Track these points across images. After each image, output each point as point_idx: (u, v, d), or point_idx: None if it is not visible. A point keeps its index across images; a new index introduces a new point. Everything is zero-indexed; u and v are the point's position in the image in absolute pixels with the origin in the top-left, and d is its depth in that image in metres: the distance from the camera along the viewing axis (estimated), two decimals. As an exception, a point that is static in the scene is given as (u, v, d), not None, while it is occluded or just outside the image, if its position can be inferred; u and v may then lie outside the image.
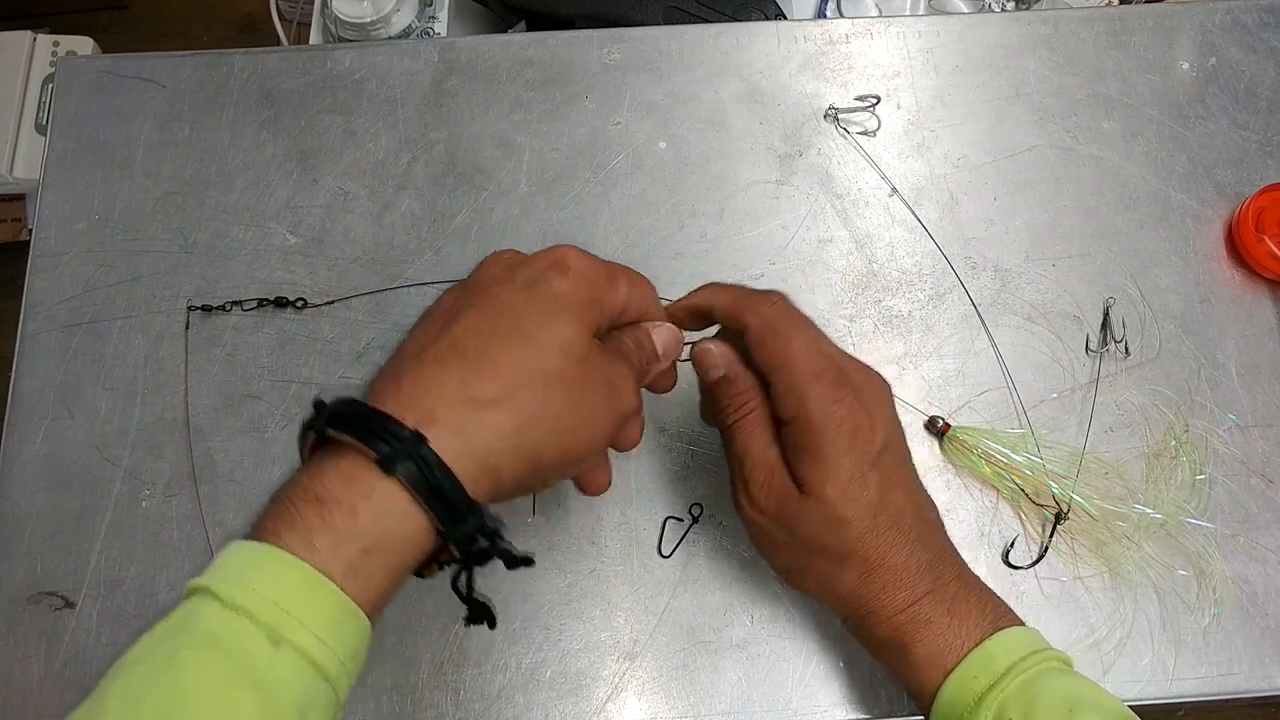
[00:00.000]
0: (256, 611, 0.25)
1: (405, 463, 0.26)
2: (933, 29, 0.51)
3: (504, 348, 0.29)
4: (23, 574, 0.41)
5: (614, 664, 0.40)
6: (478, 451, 0.27)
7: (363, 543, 0.26)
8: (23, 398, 0.44)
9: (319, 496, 0.26)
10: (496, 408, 0.28)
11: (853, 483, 0.32)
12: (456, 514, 0.27)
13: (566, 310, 0.30)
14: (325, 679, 0.25)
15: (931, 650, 0.32)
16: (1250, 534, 0.42)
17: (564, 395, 0.29)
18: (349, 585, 0.26)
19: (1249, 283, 0.46)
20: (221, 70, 0.50)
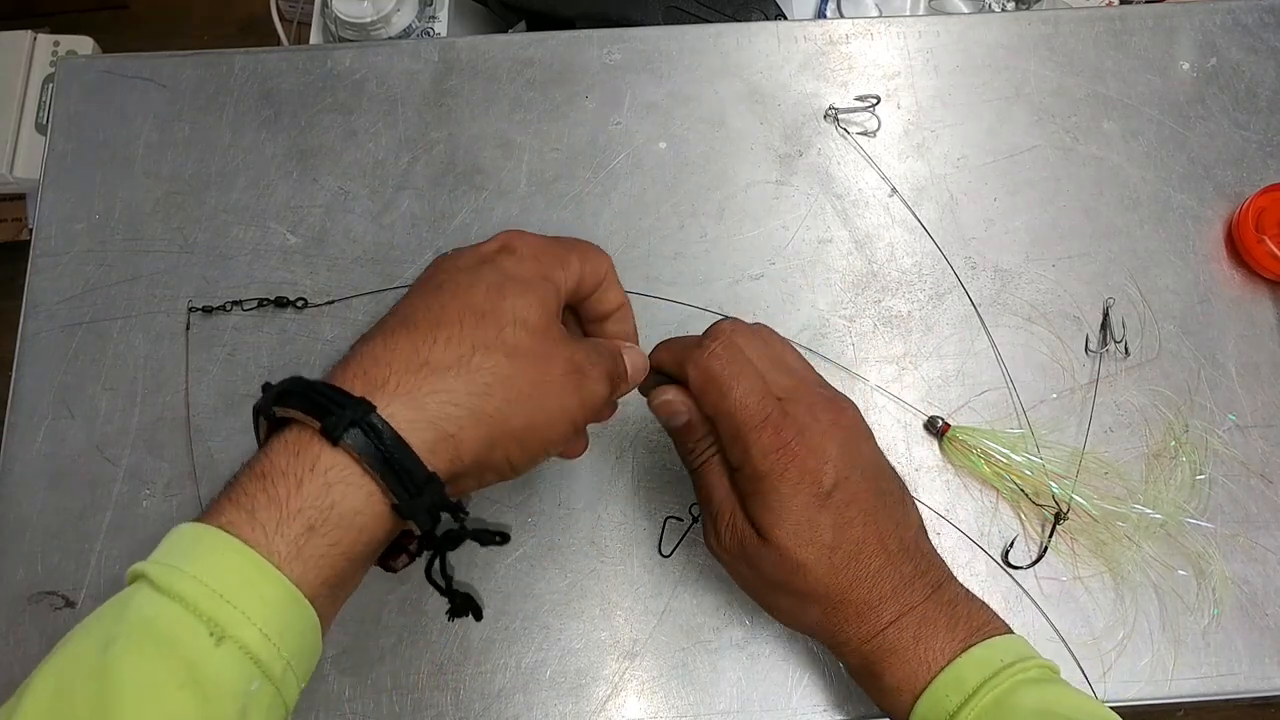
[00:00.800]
0: (197, 601, 0.23)
1: (351, 430, 0.24)
2: (933, 29, 0.51)
3: (457, 320, 0.28)
4: (23, 574, 0.42)
5: (614, 663, 0.40)
6: (432, 417, 0.26)
7: (308, 518, 0.24)
8: (23, 397, 0.44)
9: (263, 472, 0.25)
10: (450, 372, 0.26)
11: (802, 527, 0.32)
12: (412, 485, 0.25)
13: (518, 286, 0.29)
14: (269, 678, 0.24)
15: (900, 677, 0.32)
16: (1250, 534, 0.42)
17: (524, 367, 0.28)
18: (294, 567, 0.24)
19: (1249, 283, 0.46)
20: (222, 70, 0.50)
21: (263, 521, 0.24)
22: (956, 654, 0.32)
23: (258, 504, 0.24)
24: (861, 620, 0.33)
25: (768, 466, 0.32)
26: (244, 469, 0.26)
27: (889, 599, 0.33)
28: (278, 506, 0.24)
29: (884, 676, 0.32)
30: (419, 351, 0.27)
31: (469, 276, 0.30)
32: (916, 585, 0.33)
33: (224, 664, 0.23)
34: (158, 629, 0.23)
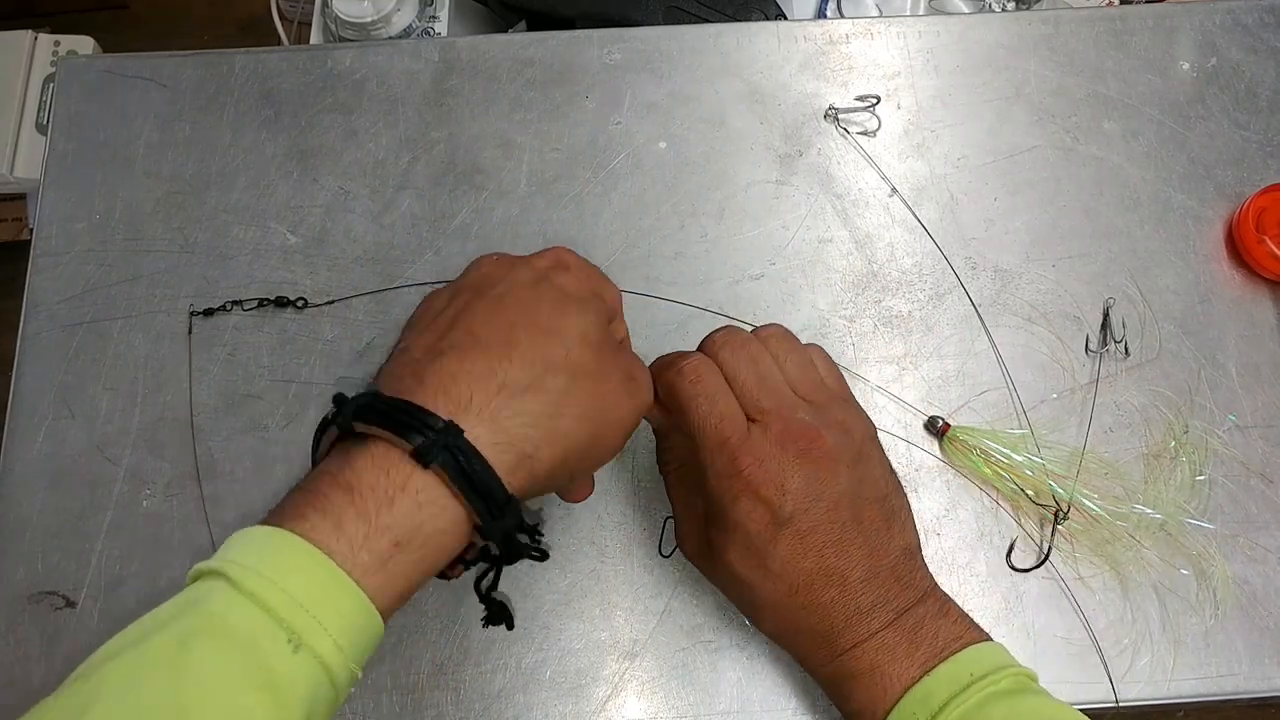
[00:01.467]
0: (278, 607, 0.24)
1: (442, 453, 0.25)
2: (933, 29, 0.51)
3: (526, 337, 0.28)
4: (23, 573, 0.42)
5: (614, 663, 0.40)
6: (514, 440, 0.27)
7: (395, 535, 0.25)
8: (23, 397, 0.44)
9: (350, 484, 0.25)
10: (526, 394, 0.27)
11: (749, 553, 0.32)
12: (495, 506, 0.26)
13: (577, 304, 0.30)
14: (333, 684, 0.25)
15: (863, 700, 0.32)
16: (1250, 534, 0.42)
17: (588, 383, 0.29)
18: (374, 579, 0.25)
19: (1249, 283, 0.46)
20: (222, 70, 0.50)
21: (349, 534, 0.25)
22: (917, 678, 0.31)
23: (345, 517, 0.25)
24: (815, 645, 0.33)
25: (720, 490, 0.32)
26: (324, 477, 0.26)
27: (841, 629, 0.32)
28: (366, 521, 0.25)
29: (849, 700, 0.33)
30: (495, 372, 0.27)
31: (531, 293, 0.30)
32: (876, 613, 0.32)
33: (299, 671, 0.24)
34: (238, 630, 0.23)
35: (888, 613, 0.32)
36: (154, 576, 0.42)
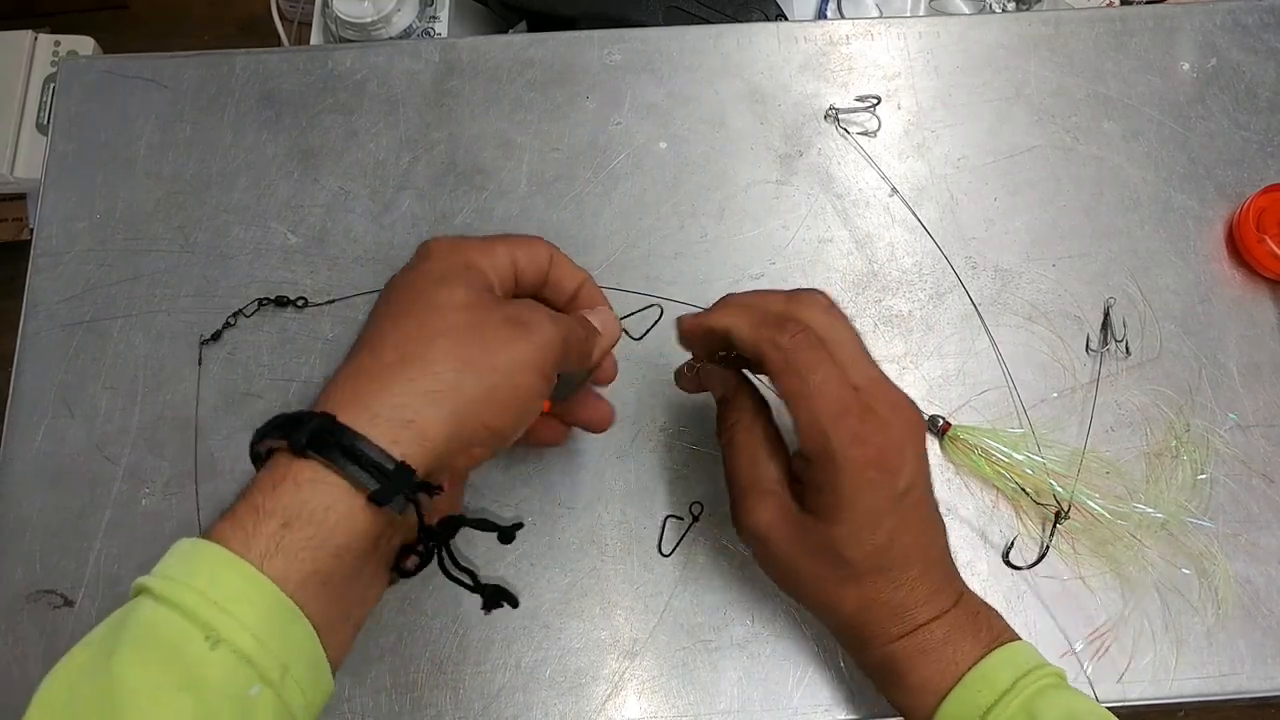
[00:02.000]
0: (194, 609, 0.25)
1: (312, 438, 0.27)
2: (933, 30, 0.51)
3: (389, 328, 0.30)
4: (22, 572, 0.41)
5: (614, 662, 0.40)
6: (383, 410, 0.28)
7: (282, 517, 0.26)
8: (23, 396, 0.44)
9: (247, 491, 0.27)
10: (389, 371, 0.29)
11: (864, 527, 0.32)
12: (379, 474, 0.27)
13: (435, 279, 0.31)
14: (268, 683, 0.25)
15: (926, 676, 0.32)
16: (1252, 534, 0.42)
17: (460, 339, 0.29)
18: (275, 564, 0.26)
19: (1250, 283, 0.46)
20: (223, 70, 0.50)
21: (244, 525, 0.26)
22: (986, 651, 0.32)
23: (240, 512, 0.27)
24: (893, 620, 0.33)
25: (845, 457, 0.31)
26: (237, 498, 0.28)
27: (923, 604, 0.33)
28: (255, 510, 0.26)
29: (909, 675, 0.32)
30: (364, 365, 0.29)
31: (394, 292, 0.32)
32: (946, 592, 0.34)
33: (220, 667, 0.24)
34: (159, 635, 0.25)
35: (952, 593, 0.34)
36: (153, 576, 0.42)
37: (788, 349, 0.32)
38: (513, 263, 0.33)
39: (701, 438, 0.44)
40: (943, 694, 0.32)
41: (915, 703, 0.33)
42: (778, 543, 0.33)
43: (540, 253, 0.34)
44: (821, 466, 0.32)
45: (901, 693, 0.33)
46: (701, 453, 0.43)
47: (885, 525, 0.32)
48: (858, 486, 0.31)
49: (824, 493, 0.32)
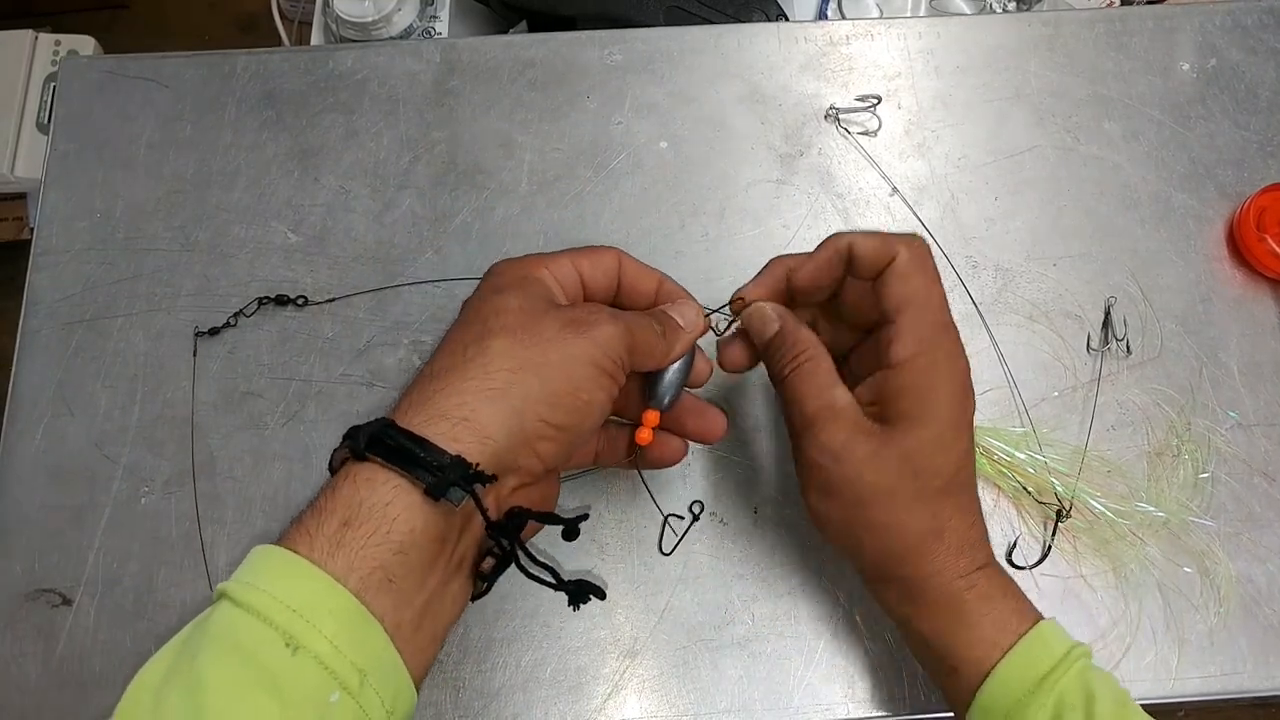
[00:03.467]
0: (272, 614, 0.25)
1: (370, 440, 0.27)
2: (933, 30, 0.51)
3: (451, 339, 0.31)
4: (20, 571, 0.41)
5: (614, 662, 0.40)
6: (441, 410, 0.28)
7: (342, 515, 0.27)
8: (23, 395, 0.44)
9: (315, 498, 0.28)
10: (451, 373, 0.29)
11: (947, 433, 0.32)
12: (436, 469, 0.27)
13: (495, 292, 0.32)
14: (348, 691, 0.25)
15: (991, 629, 0.32)
16: (1253, 533, 0.42)
17: (518, 339, 0.30)
18: (336, 562, 0.26)
19: (1250, 282, 0.46)
20: (224, 70, 0.50)
21: (308, 528, 0.27)
22: (1036, 618, 0.32)
23: (305, 517, 0.28)
24: (961, 553, 0.33)
25: (943, 366, 0.32)
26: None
27: (982, 543, 0.33)
28: (318, 513, 0.27)
29: (976, 625, 0.32)
30: (425, 373, 0.30)
31: (462, 310, 0.33)
32: (988, 546, 0.34)
33: (300, 672, 0.25)
34: (240, 639, 0.25)
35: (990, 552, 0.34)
36: (151, 574, 0.41)
37: (918, 251, 0.33)
38: (577, 271, 0.33)
39: (702, 437, 0.44)
40: (1006, 647, 0.31)
41: (973, 655, 0.32)
42: (851, 461, 0.32)
43: (606, 259, 0.34)
44: (918, 370, 0.32)
45: (960, 645, 0.32)
46: (701, 452, 0.43)
47: (964, 440, 0.33)
48: (950, 396, 0.32)
49: (914, 398, 0.32)
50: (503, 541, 0.29)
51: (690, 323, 0.35)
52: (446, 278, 0.46)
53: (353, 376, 0.45)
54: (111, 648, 0.40)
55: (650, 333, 0.33)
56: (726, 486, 0.43)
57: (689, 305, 0.35)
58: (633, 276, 0.35)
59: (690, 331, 0.34)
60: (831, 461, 0.32)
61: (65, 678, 0.40)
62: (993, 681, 0.31)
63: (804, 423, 0.33)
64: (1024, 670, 0.31)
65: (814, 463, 0.33)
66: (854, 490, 0.32)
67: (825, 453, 0.32)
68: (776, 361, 0.35)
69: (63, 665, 0.40)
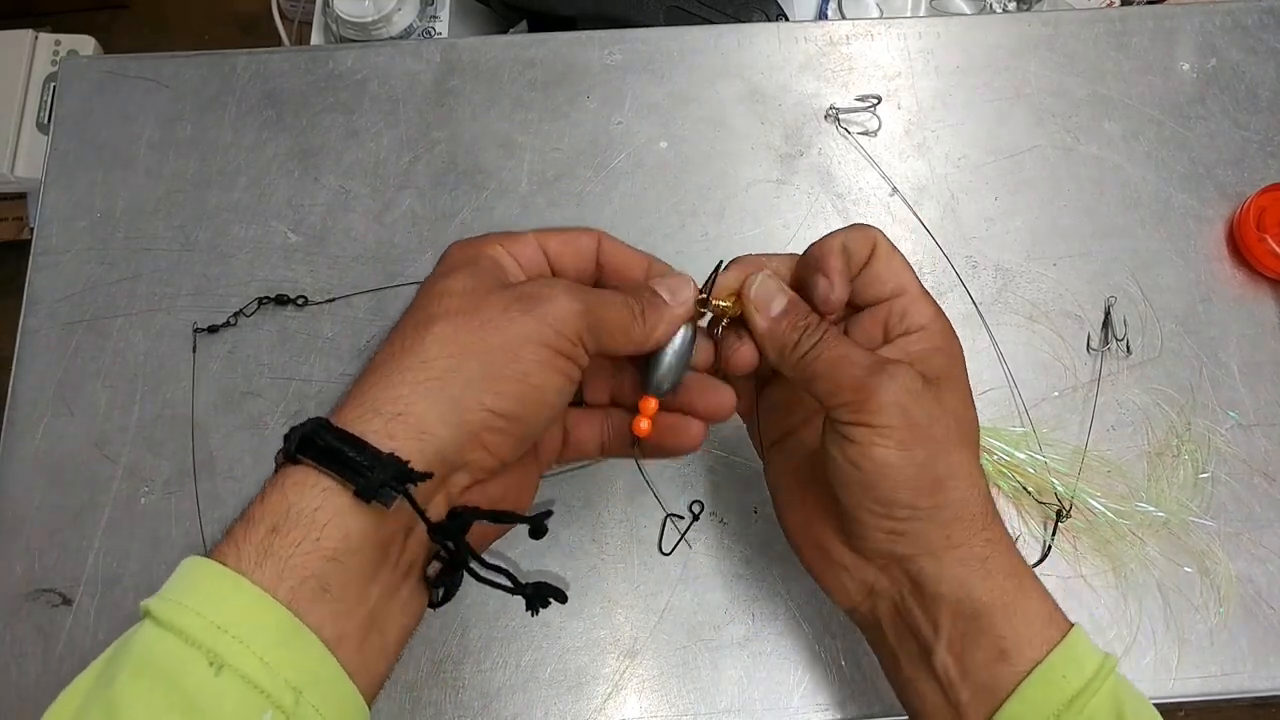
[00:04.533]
0: (195, 633, 0.23)
1: (300, 440, 0.25)
2: (933, 30, 0.51)
3: (398, 325, 0.29)
4: (21, 571, 0.41)
5: (614, 661, 0.40)
6: (375, 405, 0.26)
7: (270, 522, 0.25)
8: (23, 394, 0.44)
9: (247, 506, 0.26)
10: (385, 366, 0.27)
11: (969, 391, 0.32)
12: (366, 469, 0.25)
13: (441, 275, 0.30)
14: (281, 710, 0.23)
15: (1020, 634, 0.28)
16: (1253, 532, 0.42)
17: (458, 323, 0.27)
18: (265, 571, 0.24)
19: (1250, 282, 0.46)
20: (224, 70, 0.50)
21: (236, 538, 0.25)
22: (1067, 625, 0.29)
23: (235, 526, 0.25)
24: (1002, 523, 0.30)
25: (953, 333, 0.32)
26: None
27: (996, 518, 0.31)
28: (246, 521, 0.25)
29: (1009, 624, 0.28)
30: (366, 366, 0.28)
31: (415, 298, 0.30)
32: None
33: (224, 693, 0.23)
34: (158, 662, 0.23)
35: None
36: (151, 574, 0.41)
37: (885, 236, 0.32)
38: (542, 250, 0.31)
39: (702, 436, 0.44)
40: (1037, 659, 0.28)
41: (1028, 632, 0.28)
42: (930, 401, 0.29)
43: (582, 240, 0.31)
44: (942, 332, 0.31)
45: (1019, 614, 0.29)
46: (702, 452, 0.43)
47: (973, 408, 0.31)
48: (963, 359, 0.31)
49: (945, 358, 0.31)
50: (448, 544, 0.27)
51: (679, 299, 0.31)
52: (446, 277, 0.46)
53: (352, 376, 0.45)
54: (111, 647, 0.40)
55: (621, 310, 0.30)
56: (726, 486, 0.43)
57: (680, 279, 0.32)
58: (616, 260, 0.32)
59: (679, 308, 0.31)
60: (914, 399, 0.29)
61: (64, 678, 0.39)
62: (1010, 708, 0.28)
63: (869, 371, 0.29)
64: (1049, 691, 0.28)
65: (894, 403, 0.29)
66: (935, 433, 0.29)
67: (908, 392, 0.29)
68: (793, 335, 0.31)
69: (63, 665, 0.40)
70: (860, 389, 0.29)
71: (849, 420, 0.29)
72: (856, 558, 0.31)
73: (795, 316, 0.31)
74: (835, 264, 0.31)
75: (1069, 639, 0.29)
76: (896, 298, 0.31)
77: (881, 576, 0.31)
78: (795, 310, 0.31)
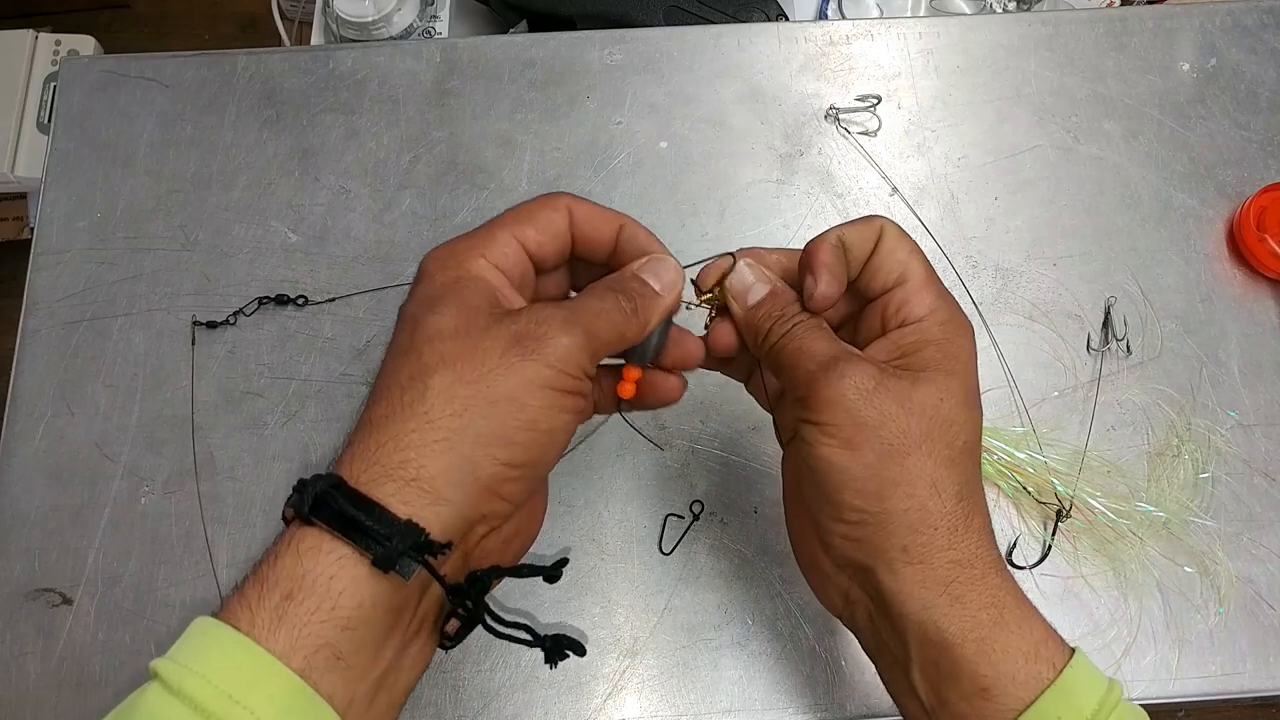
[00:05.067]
0: (205, 702, 0.23)
1: (312, 501, 0.25)
2: (933, 30, 0.51)
3: (389, 372, 0.27)
4: (21, 570, 0.41)
5: (614, 661, 0.40)
6: (387, 468, 0.25)
7: (285, 588, 0.24)
8: (23, 394, 0.44)
9: (257, 563, 0.25)
10: (391, 419, 0.26)
11: (972, 389, 0.29)
12: (383, 537, 0.24)
13: (426, 306, 0.28)
14: None
15: (1031, 639, 0.27)
16: (1253, 532, 0.42)
17: (457, 373, 0.26)
18: (278, 639, 0.24)
19: (1250, 282, 0.46)
20: (224, 70, 0.50)
21: (249, 600, 0.24)
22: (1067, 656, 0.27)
23: (246, 587, 0.25)
24: (991, 543, 0.28)
25: (960, 325, 0.30)
26: None
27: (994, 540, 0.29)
28: (260, 582, 0.25)
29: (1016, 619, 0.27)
30: (369, 417, 0.27)
31: (398, 326, 0.29)
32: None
33: None
34: None
35: None
36: (151, 573, 0.41)
37: (896, 225, 0.30)
38: (521, 245, 0.29)
39: (701, 436, 0.44)
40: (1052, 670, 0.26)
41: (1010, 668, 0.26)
42: (885, 399, 0.28)
43: (553, 218, 0.29)
44: (941, 324, 0.29)
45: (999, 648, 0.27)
46: (701, 451, 0.43)
47: (979, 408, 0.29)
48: (968, 354, 0.29)
49: (939, 350, 0.29)
50: (470, 606, 0.27)
51: (667, 284, 0.30)
52: (446, 277, 0.46)
53: (353, 376, 0.45)
54: (111, 648, 0.40)
55: (617, 315, 0.29)
56: (726, 486, 0.43)
57: (664, 263, 0.30)
58: (587, 226, 0.30)
59: (668, 295, 0.30)
60: (863, 396, 0.28)
61: (64, 677, 0.40)
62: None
63: (823, 362, 0.29)
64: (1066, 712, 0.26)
65: (839, 399, 0.28)
66: (887, 434, 0.27)
67: (858, 386, 0.28)
68: (765, 324, 0.30)
69: (62, 665, 0.40)
70: (810, 384, 0.29)
71: (802, 417, 0.29)
72: (832, 563, 0.30)
73: (771, 306, 0.30)
74: (823, 259, 0.30)
75: (1064, 678, 0.26)
76: (897, 288, 0.30)
77: (853, 585, 0.30)
78: (772, 301, 0.31)
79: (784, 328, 0.30)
